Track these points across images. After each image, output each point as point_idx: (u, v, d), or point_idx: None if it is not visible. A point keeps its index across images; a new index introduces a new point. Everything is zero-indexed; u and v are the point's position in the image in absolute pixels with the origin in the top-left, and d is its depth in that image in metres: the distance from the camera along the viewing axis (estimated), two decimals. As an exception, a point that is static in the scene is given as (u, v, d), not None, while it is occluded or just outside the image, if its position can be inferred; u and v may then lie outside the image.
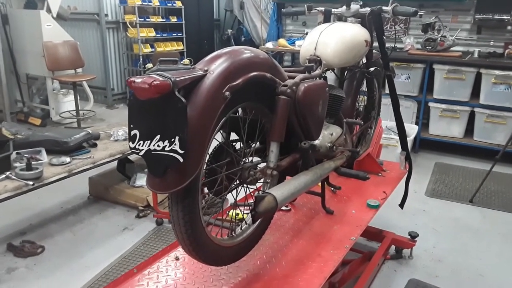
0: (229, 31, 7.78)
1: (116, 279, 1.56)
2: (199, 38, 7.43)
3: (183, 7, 6.90)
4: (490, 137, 4.21)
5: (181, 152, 1.06)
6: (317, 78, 1.71)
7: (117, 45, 6.72)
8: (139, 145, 1.10)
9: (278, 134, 1.45)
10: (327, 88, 1.70)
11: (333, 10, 2.13)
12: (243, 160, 1.46)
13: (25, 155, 2.56)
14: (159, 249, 2.53)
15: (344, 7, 2.08)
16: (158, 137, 1.08)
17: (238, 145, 1.52)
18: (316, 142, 1.77)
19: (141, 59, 6.47)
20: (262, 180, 1.55)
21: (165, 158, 1.08)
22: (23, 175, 2.38)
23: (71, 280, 2.41)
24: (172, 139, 1.06)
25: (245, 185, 1.48)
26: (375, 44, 2.21)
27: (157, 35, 6.76)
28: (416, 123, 4.49)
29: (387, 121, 4.03)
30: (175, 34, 7.03)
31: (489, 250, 2.77)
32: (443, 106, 4.34)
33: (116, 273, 2.44)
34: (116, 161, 3.25)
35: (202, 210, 1.29)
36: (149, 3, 6.56)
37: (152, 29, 6.67)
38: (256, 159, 1.54)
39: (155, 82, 1.01)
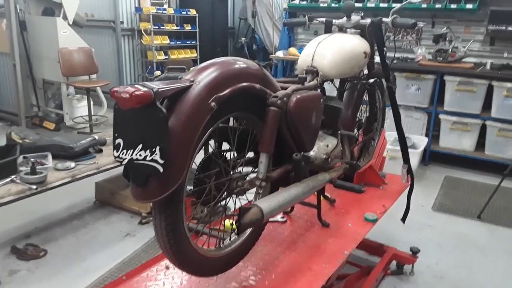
0: (243, 39, 7.83)
1: (104, 285, 1.57)
2: (213, 45, 7.50)
3: (197, 15, 7.00)
4: (502, 151, 4.11)
5: (161, 162, 1.07)
6: (313, 89, 1.70)
7: (132, 52, 6.84)
8: (122, 154, 1.12)
9: (267, 146, 1.44)
10: (321, 100, 1.69)
11: (334, 21, 2.12)
12: (234, 170, 1.46)
13: (31, 160, 2.62)
14: (158, 256, 2.54)
15: (345, 18, 2.07)
16: (140, 146, 1.09)
17: (231, 155, 1.52)
18: (311, 153, 1.76)
19: (154, 66, 6.57)
20: (255, 191, 1.56)
21: (146, 168, 1.09)
22: (27, 179, 2.43)
23: (71, 284, 2.43)
24: (153, 149, 1.07)
25: (234, 196, 1.48)
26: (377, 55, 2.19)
27: (171, 43, 6.86)
28: (426, 135, 4.42)
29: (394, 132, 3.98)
30: (189, 42, 7.13)
31: (495, 268, 2.69)
32: (454, 118, 4.27)
33: (114, 279, 2.44)
34: (123, 167, 3.28)
35: (190, 220, 1.30)
36: (164, 11, 6.67)
37: (167, 36, 6.77)
38: (246, 169, 1.54)
39: (136, 92, 1.03)
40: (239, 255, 1.57)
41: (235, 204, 1.51)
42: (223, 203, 1.48)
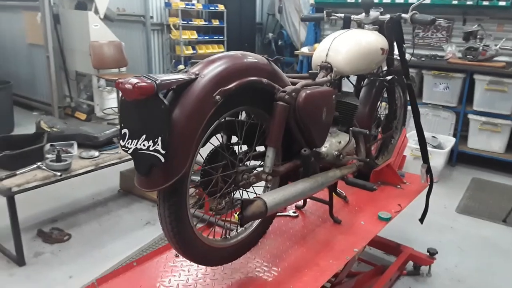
0: (270, 35, 7.83)
1: (115, 269, 1.63)
2: (240, 41, 7.54)
3: (225, 10, 7.04)
4: (534, 154, 3.95)
5: (163, 152, 1.10)
6: (324, 85, 1.70)
7: (161, 46, 6.97)
8: (128, 144, 1.16)
9: (274, 140, 1.45)
10: (333, 96, 1.68)
11: (352, 16, 2.09)
12: (241, 163, 1.48)
13: (57, 148, 2.73)
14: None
15: (364, 14, 2.04)
16: (144, 136, 1.13)
17: (239, 148, 1.54)
18: (323, 149, 1.76)
19: (182, 60, 6.67)
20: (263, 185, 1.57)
21: (149, 157, 1.12)
22: (52, 166, 2.54)
23: (90, 268, 2.53)
24: (156, 139, 1.11)
25: (242, 189, 1.50)
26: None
27: (199, 38, 6.95)
28: (454, 135, 4.29)
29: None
30: (217, 37, 7.19)
31: (517, 274, 2.60)
32: (483, 118, 4.12)
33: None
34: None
35: (194, 209, 1.33)
36: (193, 6, 6.75)
37: (195, 31, 6.86)
38: (254, 163, 1.55)
39: (139, 84, 1.06)
40: (245, 247, 1.60)
41: (241, 196, 1.53)
42: (236, 195, 1.51)
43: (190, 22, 6.70)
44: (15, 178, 2.41)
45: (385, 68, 2.23)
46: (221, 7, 7.02)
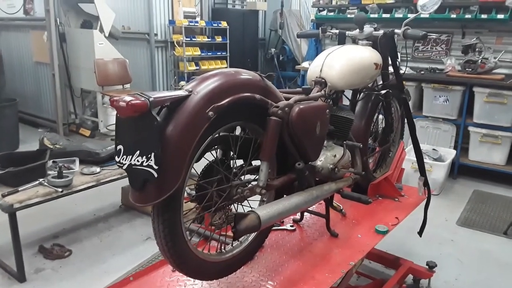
0: (273, 50, 7.92)
1: (112, 284, 1.64)
2: (243, 57, 7.63)
3: (228, 27, 7.15)
4: (536, 166, 3.93)
5: (156, 167, 1.13)
6: (318, 100, 1.73)
7: (165, 63, 7.07)
8: (122, 160, 1.19)
9: (267, 154, 1.48)
10: (327, 110, 1.71)
11: (347, 32, 2.14)
12: (235, 178, 1.50)
13: (59, 164, 2.77)
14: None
15: (358, 30, 2.08)
16: (138, 152, 1.16)
17: (233, 163, 1.56)
18: (317, 163, 1.78)
19: (185, 77, 6.76)
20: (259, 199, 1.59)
21: (143, 173, 1.15)
22: (54, 182, 2.58)
23: (90, 284, 2.55)
24: (149, 155, 1.14)
25: (236, 203, 1.52)
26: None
27: (202, 54, 7.05)
28: (455, 148, 4.30)
29: (422, 144, 3.91)
30: (220, 53, 7.29)
31: (519, 287, 2.58)
32: (484, 131, 4.13)
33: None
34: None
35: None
36: (196, 24, 6.87)
37: (198, 48, 6.96)
38: (248, 177, 1.58)
39: (132, 102, 1.10)
40: (240, 261, 1.61)
41: (236, 210, 1.55)
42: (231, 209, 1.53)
43: (193, 39, 6.80)
44: (17, 194, 2.44)
45: (380, 82, 2.26)
46: (224, 24, 7.14)
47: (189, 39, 6.73)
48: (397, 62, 2.10)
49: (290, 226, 2.08)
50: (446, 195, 3.94)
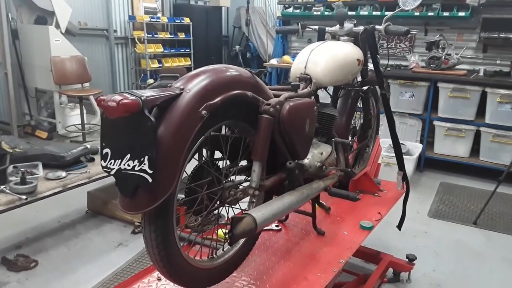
0: (237, 47, 7.85)
1: (94, 299, 1.53)
2: (207, 54, 7.51)
3: (191, 23, 7.00)
4: (497, 157, 4.11)
5: (150, 172, 1.04)
6: (306, 97, 1.69)
7: (125, 60, 6.82)
8: (110, 164, 1.09)
9: (260, 154, 1.42)
10: (315, 107, 1.67)
11: (327, 28, 2.11)
12: (226, 179, 1.43)
13: (21, 169, 2.57)
14: (150, 267, 2.50)
15: (338, 25, 2.06)
16: (128, 156, 1.06)
17: (223, 164, 1.49)
18: (305, 161, 1.74)
19: (148, 74, 6.55)
20: (248, 200, 1.53)
21: (135, 178, 1.06)
22: (17, 189, 2.39)
23: (61, 297, 2.38)
24: (142, 159, 1.05)
25: (227, 206, 1.45)
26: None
27: (165, 51, 6.86)
28: (421, 142, 4.42)
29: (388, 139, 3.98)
30: (183, 50, 7.12)
31: (491, 275, 2.67)
32: (448, 125, 4.27)
33: (105, 290, 2.41)
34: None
35: (183, 229, 1.26)
36: (158, 20, 6.66)
37: (160, 45, 6.76)
38: (239, 178, 1.51)
39: (124, 101, 1.00)
40: (232, 265, 1.54)
41: (227, 213, 1.48)
42: (216, 212, 1.45)
43: (155, 36, 6.60)
44: (-24, 203, 2.25)
45: (359, 78, 2.25)
46: (187, 20, 6.98)
47: (150, 35, 6.53)
48: (378, 58, 2.09)
49: (276, 226, 2.03)
50: (415, 188, 4.04)
